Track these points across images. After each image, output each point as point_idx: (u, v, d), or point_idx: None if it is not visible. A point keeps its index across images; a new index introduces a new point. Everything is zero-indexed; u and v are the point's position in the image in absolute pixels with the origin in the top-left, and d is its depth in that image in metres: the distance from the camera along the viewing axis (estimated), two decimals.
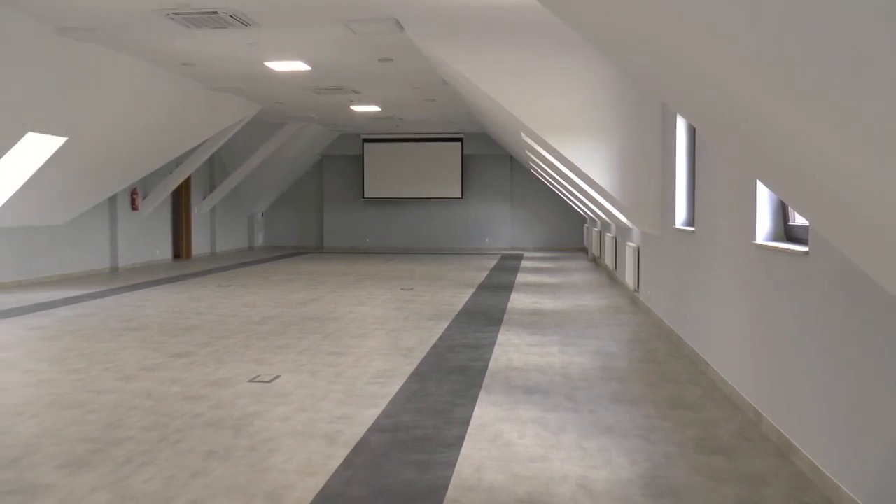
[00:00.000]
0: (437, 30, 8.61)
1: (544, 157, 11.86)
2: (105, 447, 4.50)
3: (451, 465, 4.16)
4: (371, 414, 5.19)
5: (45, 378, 6.30)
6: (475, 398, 5.61)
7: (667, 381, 6.16)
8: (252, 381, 6.17)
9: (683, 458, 4.26)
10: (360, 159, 24.60)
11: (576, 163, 8.56)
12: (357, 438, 4.64)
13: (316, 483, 3.90)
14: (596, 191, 9.44)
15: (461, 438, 4.63)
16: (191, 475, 4.02)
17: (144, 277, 15.00)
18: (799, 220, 4.86)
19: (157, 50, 10.81)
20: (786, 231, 5.04)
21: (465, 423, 4.97)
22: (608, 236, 14.47)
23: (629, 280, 11.09)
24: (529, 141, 11.21)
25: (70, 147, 12.58)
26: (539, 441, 4.58)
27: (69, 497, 3.74)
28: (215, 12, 8.62)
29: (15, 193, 12.62)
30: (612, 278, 14.19)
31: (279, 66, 11.91)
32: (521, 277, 14.76)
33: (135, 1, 8.21)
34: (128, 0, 8.18)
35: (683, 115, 3.15)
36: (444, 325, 8.98)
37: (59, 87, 10.93)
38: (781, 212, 5.07)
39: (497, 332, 8.50)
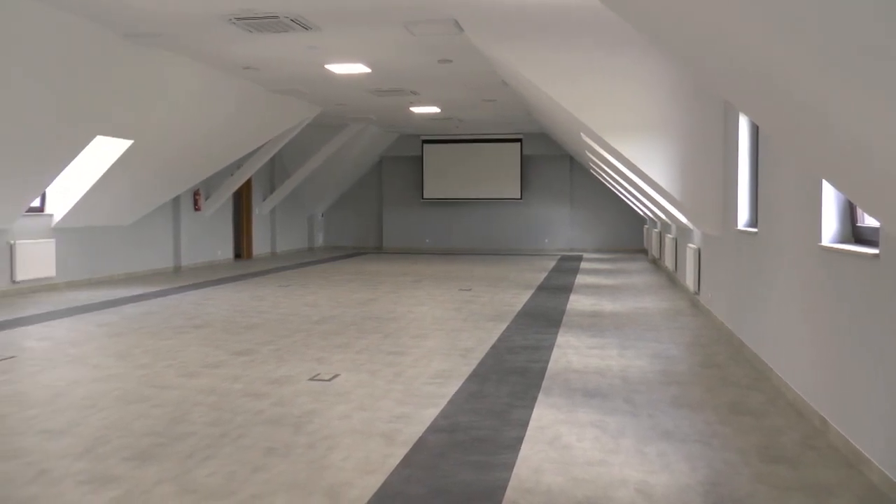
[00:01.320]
0: (497, 30, 8.60)
1: (604, 157, 11.76)
2: (169, 441, 4.60)
3: (510, 466, 4.15)
4: (429, 414, 5.21)
5: (113, 373, 6.46)
6: (534, 400, 5.59)
7: (728, 385, 6.05)
8: (312, 379, 6.25)
9: (746, 466, 4.18)
10: (419, 160, 24.70)
11: (636, 163, 8.47)
12: (415, 438, 4.66)
13: (374, 481, 3.93)
14: (656, 191, 9.33)
15: (519, 440, 4.62)
16: (252, 470, 4.09)
17: (206, 277, 15.29)
18: (868, 221, 4.73)
19: (220, 54, 11.01)
20: (854, 233, 4.92)
21: (524, 424, 4.96)
22: (668, 237, 14.28)
23: (689, 282, 10.93)
24: (589, 141, 11.13)
25: (136, 150, 12.89)
26: (598, 444, 4.54)
27: (136, 488, 3.83)
28: (276, 17, 8.75)
29: (84, 195, 12.98)
30: (672, 280, 14.00)
31: (339, 68, 12.03)
32: (580, 279, 14.66)
33: (199, 7, 8.38)
34: (192, 6, 8.35)
35: (747, 114, 3.10)
36: (503, 326, 8.96)
37: (126, 92, 11.21)
38: (849, 212, 4.95)
39: (556, 333, 8.45)
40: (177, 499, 3.70)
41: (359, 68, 12.02)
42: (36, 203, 12.81)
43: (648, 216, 19.11)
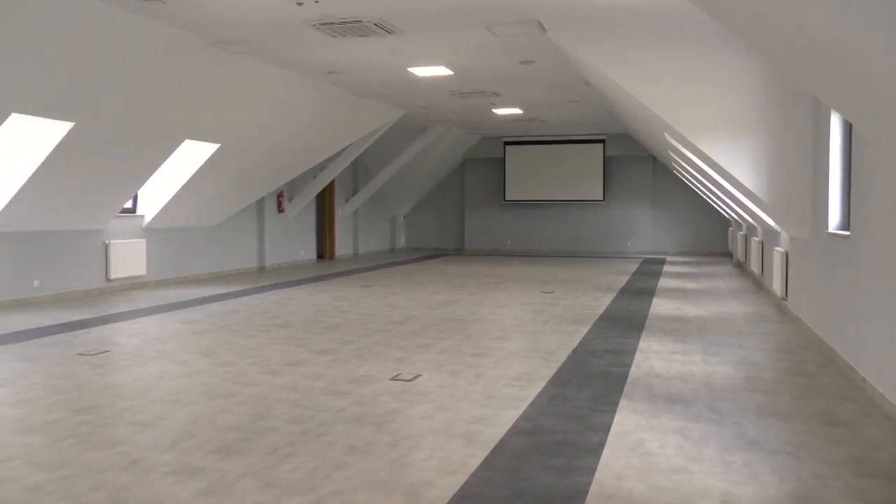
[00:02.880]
0: (580, 30, 8.53)
1: (688, 157, 11.54)
2: (252, 436, 4.69)
3: (591, 471, 4.10)
4: (510, 416, 5.19)
5: (198, 369, 6.64)
6: (616, 405, 5.51)
7: (817, 395, 5.86)
8: (393, 379, 6.29)
9: (837, 480, 4.02)
10: (501, 162, 24.68)
11: (721, 163, 8.28)
12: (496, 440, 4.65)
13: (455, 482, 3.93)
14: (741, 192, 9.10)
15: (601, 445, 4.56)
16: (333, 468, 4.14)
17: (289, 277, 15.57)
18: None
19: (304, 59, 11.19)
20: None
21: (606, 429, 4.89)
22: (754, 240, 13.92)
23: (776, 287, 10.63)
24: (673, 142, 10.94)
25: (223, 153, 13.22)
26: (681, 452, 4.45)
27: (220, 481, 3.92)
28: (360, 21, 8.85)
29: (173, 197, 13.37)
30: (758, 285, 13.64)
31: (422, 71, 12.10)
32: (663, 282, 14.41)
33: (284, 13, 8.54)
34: (277, 13, 8.52)
35: (839, 111, 2.99)
36: (585, 329, 8.87)
37: (214, 97, 11.50)
38: None
39: (638, 337, 8.32)
40: (259, 493, 3.77)
41: (441, 71, 12.07)
42: (128, 205, 13.26)
43: (733, 218, 18.66)
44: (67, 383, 6.13)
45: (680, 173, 19.22)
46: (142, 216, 13.46)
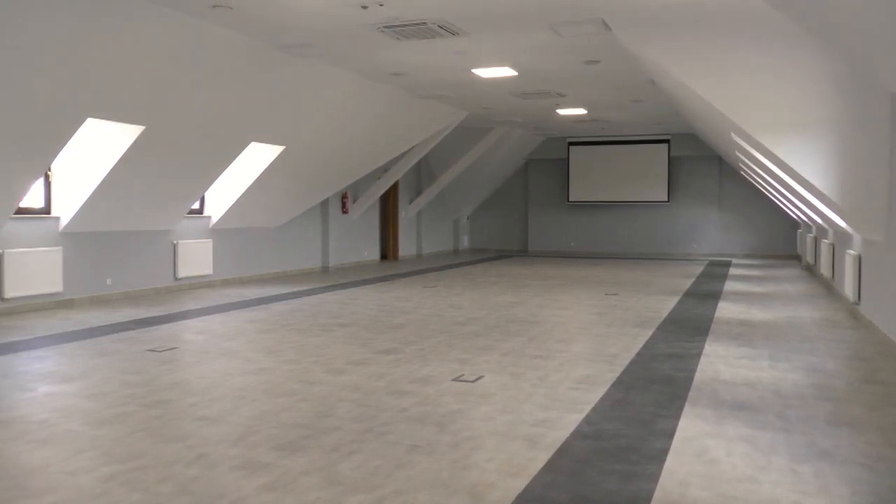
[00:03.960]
0: (645, 28, 8.42)
1: (755, 157, 11.30)
2: (315, 434, 4.74)
3: (654, 478, 4.04)
4: (573, 419, 5.15)
5: (263, 367, 6.74)
6: (680, 410, 5.42)
7: (894, 405, 5.67)
8: (456, 379, 6.29)
9: None
10: (565, 163, 24.52)
11: (789, 163, 8.08)
12: (559, 443, 4.61)
13: (517, 484, 3.91)
14: (811, 193, 8.87)
15: (665, 451, 4.49)
16: (395, 467, 4.15)
17: (353, 277, 15.70)
18: None
19: (368, 62, 11.28)
20: None
21: (670, 435, 4.81)
22: (824, 243, 13.57)
23: (848, 291, 10.33)
24: (740, 141, 10.72)
25: (288, 155, 13.40)
26: (747, 461, 4.35)
27: (283, 477, 3.97)
28: (424, 23, 8.88)
29: (239, 198, 13.60)
30: (828, 289, 13.28)
31: (486, 72, 12.09)
32: (729, 285, 14.14)
33: (348, 16, 8.61)
34: (342, 16, 8.60)
35: None
36: (649, 332, 8.76)
37: (280, 100, 11.67)
38: None
39: (704, 342, 8.18)
40: (322, 490, 3.81)
41: (505, 72, 12.05)
42: (196, 206, 13.53)
43: (802, 220, 18.22)
44: (138, 378, 6.29)
45: (747, 174, 18.84)
46: (209, 217, 13.72)
